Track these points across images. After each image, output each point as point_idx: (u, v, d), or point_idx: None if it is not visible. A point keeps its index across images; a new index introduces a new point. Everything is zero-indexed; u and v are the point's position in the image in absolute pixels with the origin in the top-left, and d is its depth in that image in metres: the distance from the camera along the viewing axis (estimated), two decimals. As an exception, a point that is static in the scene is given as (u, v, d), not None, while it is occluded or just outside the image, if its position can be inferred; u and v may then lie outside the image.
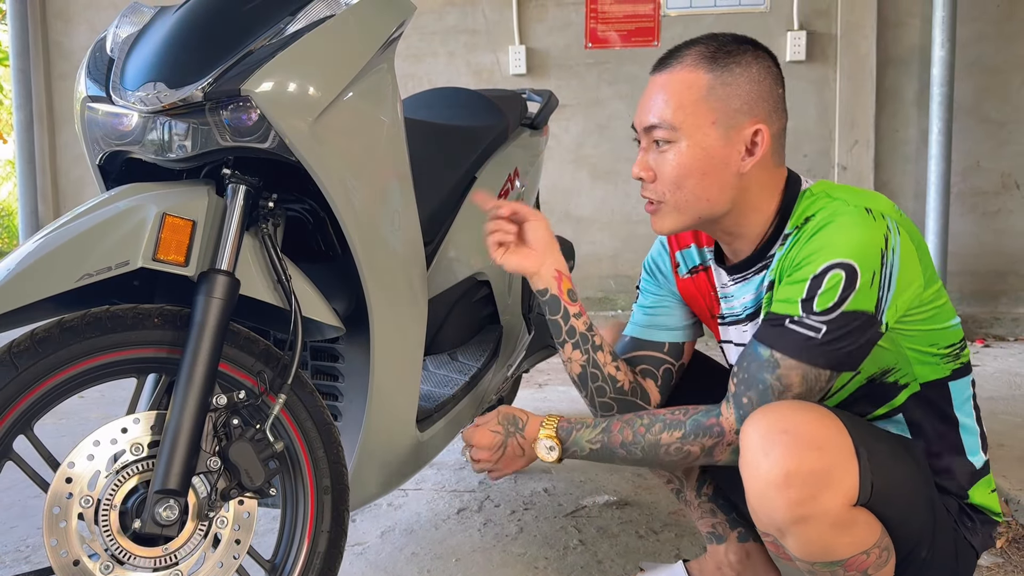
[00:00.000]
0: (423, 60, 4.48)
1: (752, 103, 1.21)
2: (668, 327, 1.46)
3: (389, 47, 1.38)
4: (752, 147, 1.21)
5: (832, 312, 1.13)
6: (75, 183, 4.81)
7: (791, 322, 1.15)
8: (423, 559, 1.82)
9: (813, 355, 1.14)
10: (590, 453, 1.29)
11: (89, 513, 1.13)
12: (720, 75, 1.20)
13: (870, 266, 1.13)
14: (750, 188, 1.24)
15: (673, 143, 1.22)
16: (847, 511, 1.09)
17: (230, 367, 1.25)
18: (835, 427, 1.10)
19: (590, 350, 1.38)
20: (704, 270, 1.41)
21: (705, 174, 1.21)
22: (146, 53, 1.25)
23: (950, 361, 1.26)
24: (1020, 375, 3.39)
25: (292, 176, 1.32)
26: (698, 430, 1.21)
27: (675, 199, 1.24)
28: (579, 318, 1.39)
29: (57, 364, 1.12)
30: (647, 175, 1.26)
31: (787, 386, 1.16)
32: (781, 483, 1.07)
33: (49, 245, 1.12)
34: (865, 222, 1.15)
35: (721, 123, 1.20)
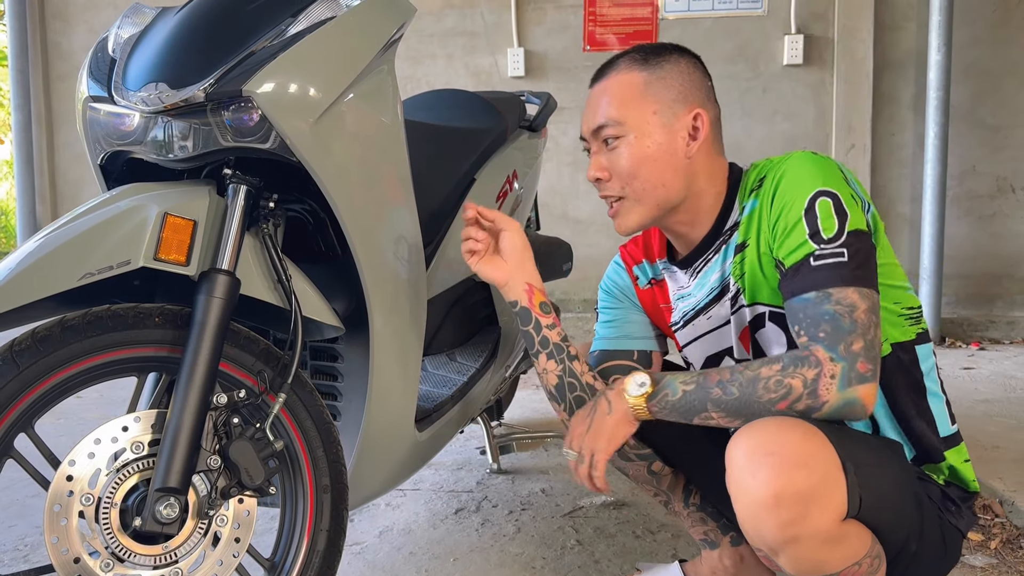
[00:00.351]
0: (422, 62, 4.50)
1: (686, 92, 1.29)
2: (634, 336, 1.47)
3: (390, 49, 1.39)
4: (694, 132, 1.29)
5: (842, 235, 1.16)
6: (73, 183, 4.81)
7: (814, 259, 1.17)
8: (421, 559, 1.82)
9: (852, 277, 1.15)
10: (682, 396, 1.20)
11: (90, 511, 1.13)
12: (653, 71, 1.29)
13: (844, 189, 1.20)
14: (698, 173, 1.30)
15: (621, 137, 1.28)
16: (837, 527, 1.10)
17: (230, 366, 1.25)
18: (820, 444, 1.10)
19: (565, 359, 1.37)
20: (659, 283, 1.45)
21: (656, 160, 1.28)
22: (148, 54, 1.26)
23: (913, 323, 1.29)
24: (1015, 378, 3.41)
25: (293, 176, 1.33)
26: (796, 361, 1.14)
27: (633, 190, 1.29)
28: (552, 329, 1.38)
29: (58, 363, 1.13)
30: (603, 174, 1.31)
31: (850, 306, 1.14)
32: (770, 505, 1.07)
33: (51, 244, 1.12)
34: (817, 158, 1.24)
35: (662, 112, 1.28)
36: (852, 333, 1.12)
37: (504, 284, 1.39)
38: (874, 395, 1.13)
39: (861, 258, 1.16)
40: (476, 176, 1.94)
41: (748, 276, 1.28)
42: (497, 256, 1.40)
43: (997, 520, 1.97)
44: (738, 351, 1.34)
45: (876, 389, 1.13)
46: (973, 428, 2.62)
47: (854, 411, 1.13)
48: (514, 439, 2.49)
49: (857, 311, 1.14)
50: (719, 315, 1.34)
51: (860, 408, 1.13)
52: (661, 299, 1.44)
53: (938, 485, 1.29)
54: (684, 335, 1.41)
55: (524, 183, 2.16)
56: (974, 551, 1.81)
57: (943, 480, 1.30)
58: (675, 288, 1.41)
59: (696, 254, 1.35)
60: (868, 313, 1.14)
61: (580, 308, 4.49)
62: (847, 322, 1.13)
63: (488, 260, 1.40)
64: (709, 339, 1.38)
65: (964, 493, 1.30)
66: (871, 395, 1.13)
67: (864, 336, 1.13)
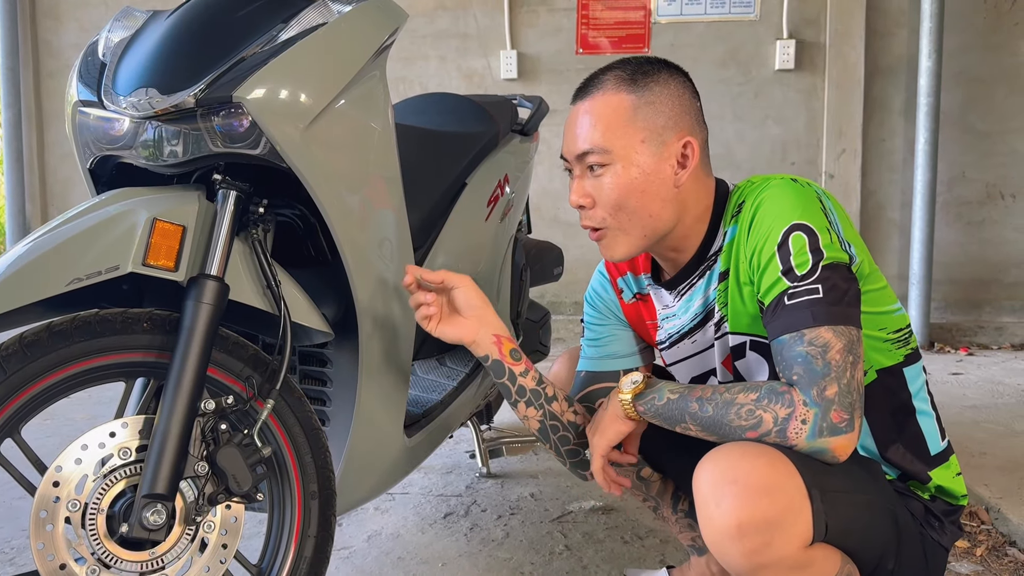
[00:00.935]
0: (414, 63, 4.49)
1: (676, 118, 1.24)
2: (620, 355, 1.45)
3: (381, 55, 1.38)
4: (683, 160, 1.24)
5: (816, 271, 1.13)
6: (63, 182, 4.80)
7: (788, 298, 1.14)
8: (409, 564, 1.82)
9: (826, 315, 1.12)
10: (666, 403, 1.21)
11: (76, 517, 1.13)
12: (642, 95, 1.23)
13: (820, 222, 1.16)
14: (687, 200, 1.26)
15: (607, 166, 1.23)
16: (803, 553, 1.09)
17: (219, 372, 1.25)
18: (785, 470, 1.08)
19: (544, 404, 1.35)
20: (643, 298, 1.43)
21: (644, 192, 1.23)
22: (138, 58, 1.26)
23: (900, 346, 1.27)
24: (1003, 384, 3.43)
25: (283, 182, 1.33)
26: (771, 394, 1.13)
27: (618, 221, 1.25)
28: (527, 375, 1.34)
29: (46, 368, 1.12)
30: (587, 201, 1.26)
31: (823, 346, 1.11)
32: (734, 534, 1.07)
33: (39, 249, 1.12)
34: (794, 187, 1.20)
35: (650, 140, 1.23)
36: (826, 377, 1.10)
37: (472, 342, 1.33)
38: (849, 445, 1.10)
39: (837, 293, 1.13)
40: (467, 180, 1.94)
41: (730, 305, 1.26)
42: (456, 315, 1.34)
43: (983, 527, 1.98)
44: (722, 374, 1.33)
45: (853, 439, 1.10)
46: (961, 434, 2.63)
47: (824, 459, 1.11)
48: (504, 443, 2.49)
49: (831, 351, 1.10)
50: (703, 340, 1.33)
51: (831, 457, 1.11)
52: (647, 315, 1.43)
53: (922, 501, 1.28)
54: (670, 355, 1.41)
55: (516, 187, 2.16)
56: (960, 558, 1.82)
57: (928, 496, 1.30)
58: (660, 307, 1.39)
59: (681, 277, 1.33)
60: (844, 353, 1.10)
61: (571, 311, 4.49)
62: (820, 364, 1.10)
63: (447, 321, 1.34)
64: (694, 361, 1.37)
65: (949, 507, 1.30)
66: (844, 446, 1.10)
67: (839, 380, 1.09)
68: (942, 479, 1.29)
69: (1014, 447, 2.51)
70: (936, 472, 1.28)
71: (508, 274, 2.16)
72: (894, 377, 1.27)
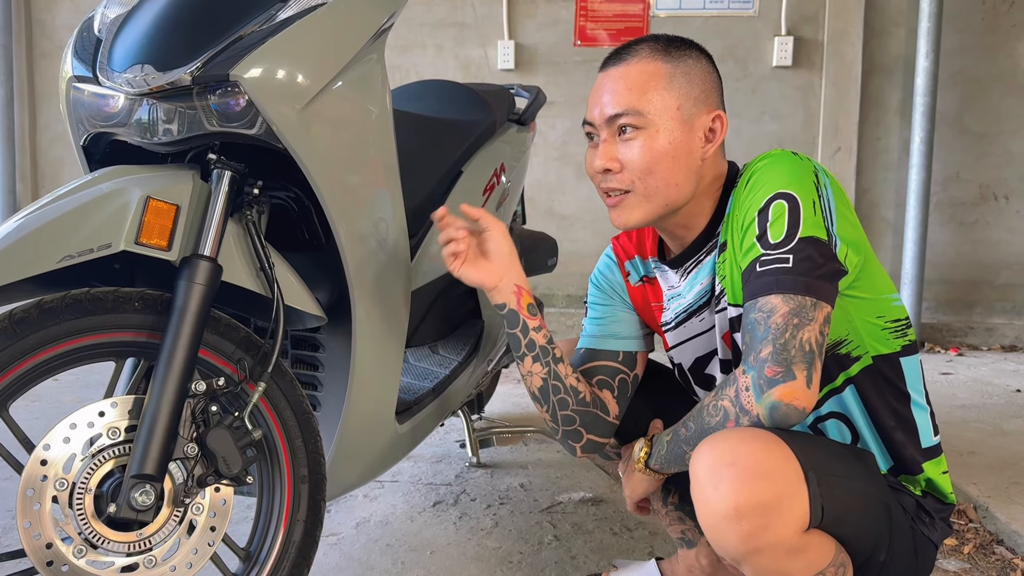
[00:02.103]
0: (411, 51, 4.47)
1: (707, 91, 1.26)
2: (621, 336, 1.45)
3: (380, 37, 1.37)
4: (711, 134, 1.26)
5: (790, 241, 1.13)
6: (54, 162, 4.76)
7: (759, 265, 1.15)
8: (398, 551, 1.82)
9: (789, 284, 1.12)
10: (667, 448, 1.25)
11: (64, 496, 1.12)
12: (677, 64, 1.24)
13: (807, 194, 1.16)
14: (706, 176, 1.27)
15: (641, 129, 1.23)
16: (799, 537, 1.09)
17: (210, 353, 1.24)
18: (782, 454, 1.09)
19: (551, 362, 1.34)
20: (650, 281, 1.43)
21: (675, 159, 1.23)
22: (134, 34, 1.24)
23: (898, 336, 1.27)
24: (992, 384, 3.44)
25: (278, 163, 1.32)
26: (723, 384, 1.17)
27: (645, 186, 1.24)
28: (539, 332, 1.34)
29: (35, 345, 1.11)
30: (614, 165, 1.25)
31: (769, 311, 1.12)
32: (732, 516, 1.07)
33: (31, 225, 1.11)
34: (792, 159, 1.21)
35: (684, 109, 1.23)
36: (763, 340, 1.11)
37: (493, 288, 1.32)
38: (795, 391, 1.09)
39: (808, 265, 1.12)
40: (463, 169, 1.93)
41: (729, 277, 1.26)
42: (482, 258, 1.33)
43: (971, 525, 1.98)
44: (722, 351, 1.33)
45: (796, 387, 1.09)
46: (950, 434, 2.64)
47: (784, 415, 1.10)
48: (494, 433, 2.49)
49: (774, 316, 1.11)
50: (710, 318, 1.33)
51: (787, 409, 1.10)
52: (653, 297, 1.42)
53: (913, 496, 1.28)
54: (674, 336, 1.40)
55: (511, 177, 2.15)
56: (947, 555, 1.83)
57: (919, 491, 1.30)
58: (666, 287, 1.39)
59: (687, 255, 1.32)
60: (787, 316, 1.11)
61: (563, 303, 4.49)
62: (761, 330, 1.12)
63: (472, 263, 1.33)
64: (699, 341, 1.36)
65: (940, 505, 1.30)
66: (791, 393, 1.09)
67: (775, 341, 1.10)
68: (932, 473, 1.29)
69: (1002, 447, 2.52)
70: (927, 465, 1.29)
71: (502, 263, 2.15)
72: (890, 365, 1.27)
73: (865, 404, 1.27)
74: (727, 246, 1.26)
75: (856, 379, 1.26)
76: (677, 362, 1.43)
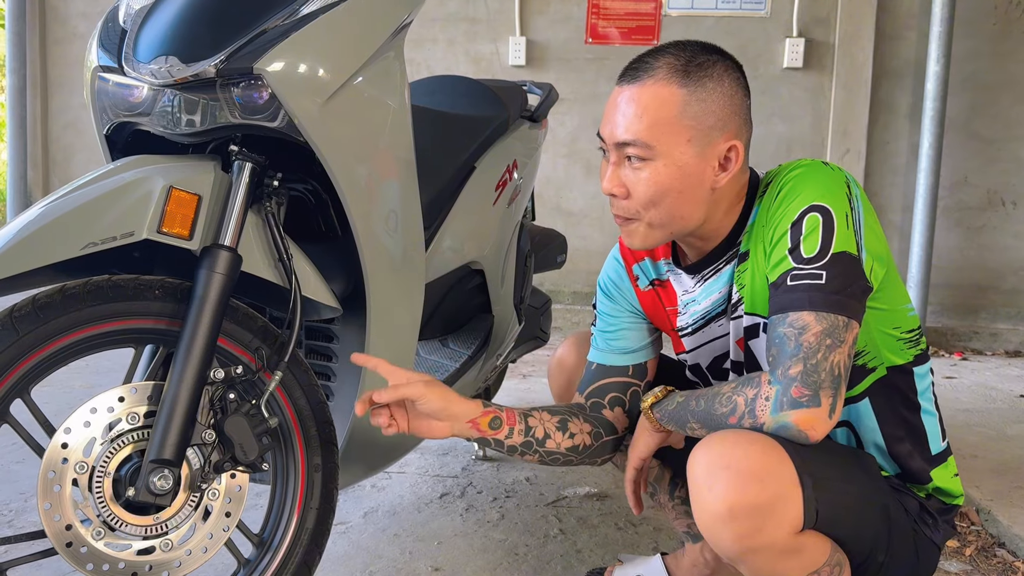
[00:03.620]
0: (422, 46, 4.48)
1: (725, 119, 1.20)
2: (630, 350, 1.44)
3: (400, 33, 1.39)
4: (726, 163, 1.21)
5: (823, 256, 1.13)
6: (65, 149, 4.78)
7: (791, 279, 1.14)
8: (405, 540, 1.84)
9: (823, 302, 1.11)
10: (676, 407, 1.26)
11: (83, 479, 1.14)
12: (694, 91, 1.18)
13: (841, 207, 1.15)
14: (721, 201, 1.24)
15: (648, 161, 1.19)
16: (793, 538, 1.11)
17: (228, 342, 1.26)
18: (777, 457, 1.10)
19: (538, 448, 1.34)
20: (663, 284, 1.41)
21: (681, 192, 1.20)
22: (159, 26, 1.26)
23: (912, 347, 1.28)
24: (996, 389, 3.45)
25: (296, 155, 1.33)
26: (746, 381, 1.17)
27: (650, 217, 1.22)
28: (512, 434, 1.31)
29: (58, 330, 1.13)
30: (620, 191, 1.22)
31: (801, 328, 1.11)
32: (726, 517, 1.09)
33: (55, 212, 1.13)
34: (824, 170, 1.19)
35: (696, 141, 1.18)
36: (794, 357, 1.11)
37: (451, 435, 1.30)
38: (814, 421, 1.10)
39: (840, 283, 1.12)
40: (476, 164, 1.95)
41: (749, 287, 1.25)
42: (424, 419, 1.28)
43: (973, 528, 2.00)
44: (734, 354, 1.34)
45: (818, 415, 1.10)
46: (953, 437, 2.65)
47: (791, 435, 1.12)
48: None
49: (806, 334, 1.11)
50: (727, 324, 1.32)
51: (797, 432, 1.11)
52: (667, 302, 1.40)
53: (917, 498, 1.29)
54: (692, 340, 1.39)
55: (523, 173, 2.16)
56: (949, 557, 1.84)
57: (924, 494, 1.31)
58: (681, 292, 1.38)
59: (706, 262, 1.31)
60: (819, 336, 1.10)
61: (570, 300, 4.50)
62: (792, 345, 1.11)
63: (417, 423, 1.28)
64: (717, 344, 1.36)
65: (944, 506, 1.31)
66: (807, 420, 1.10)
67: (807, 360, 1.10)
68: (941, 479, 1.30)
69: (1005, 451, 2.54)
70: (936, 472, 1.30)
71: (513, 259, 2.17)
72: (904, 376, 1.28)
73: (877, 416, 1.28)
74: (749, 255, 1.25)
75: (870, 390, 1.27)
76: (693, 363, 1.43)
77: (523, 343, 2.33)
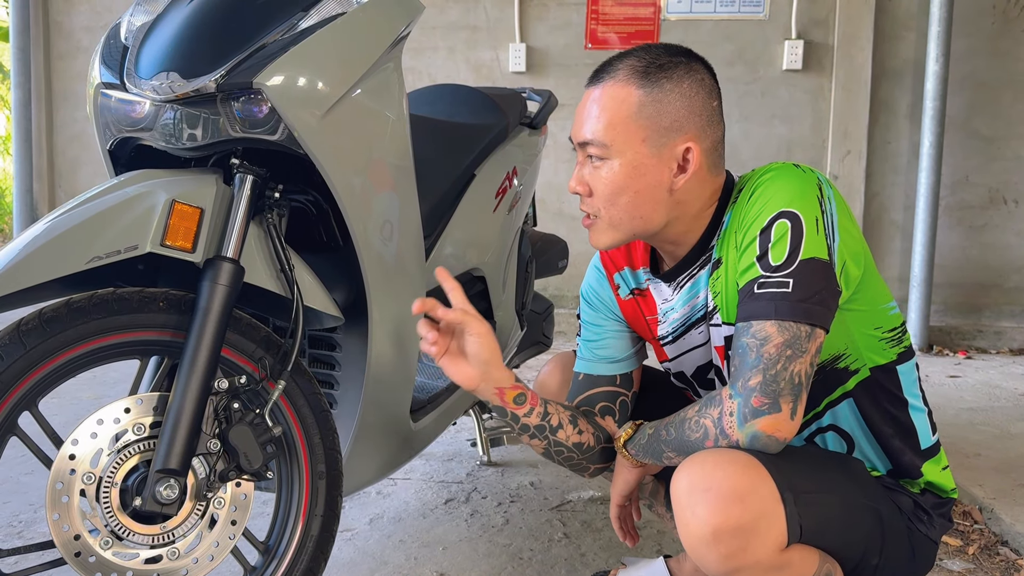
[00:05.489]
0: (423, 54, 4.51)
1: (683, 120, 1.20)
2: (615, 359, 1.44)
3: (397, 45, 1.41)
4: (684, 164, 1.21)
5: (791, 263, 1.13)
6: (70, 162, 4.81)
7: (758, 287, 1.14)
8: (410, 546, 1.85)
9: (789, 310, 1.12)
10: (647, 440, 1.28)
11: (91, 490, 1.16)
12: (651, 91, 1.19)
13: (811, 212, 1.15)
14: (687, 201, 1.24)
15: (605, 160, 1.21)
16: (779, 555, 1.12)
17: (232, 352, 1.28)
18: (758, 476, 1.11)
19: (548, 435, 1.34)
20: (642, 294, 1.41)
21: (637, 192, 1.21)
22: (160, 42, 1.28)
23: (894, 345, 1.28)
24: (999, 387, 3.45)
25: (297, 167, 1.35)
26: (708, 401, 1.18)
27: (609, 215, 1.24)
28: (531, 414, 1.32)
29: (64, 343, 1.15)
30: (583, 189, 1.25)
31: (763, 339, 1.12)
32: (710, 540, 1.10)
33: (60, 227, 1.15)
34: (795, 174, 1.19)
35: (651, 141, 1.19)
36: (754, 368, 1.12)
37: (472, 390, 1.29)
38: (778, 423, 1.11)
39: (806, 290, 1.12)
40: (476, 172, 1.96)
41: (723, 294, 1.25)
42: (462, 358, 1.27)
43: (976, 526, 2.00)
44: (717, 362, 1.34)
45: (780, 419, 1.11)
46: (957, 436, 2.66)
47: (765, 445, 1.13)
48: (504, 432, 2.52)
49: (767, 345, 1.12)
50: (707, 331, 1.32)
51: (768, 440, 1.12)
52: (647, 311, 1.41)
53: (911, 495, 1.30)
54: (673, 349, 1.39)
55: (523, 180, 2.18)
56: (952, 556, 1.85)
57: (917, 490, 1.32)
58: (660, 300, 1.38)
59: (680, 269, 1.31)
60: (780, 347, 1.11)
61: (572, 305, 4.52)
62: (752, 356, 1.12)
63: (452, 360, 1.27)
64: (698, 352, 1.36)
65: (939, 500, 1.32)
66: (773, 425, 1.11)
67: (766, 371, 1.11)
68: (931, 473, 1.31)
69: (1008, 449, 2.54)
70: (927, 466, 1.31)
71: (514, 265, 2.19)
72: (888, 375, 1.29)
73: (863, 415, 1.29)
74: (721, 264, 1.25)
75: (854, 392, 1.28)
76: (677, 371, 1.43)
77: (525, 349, 2.35)
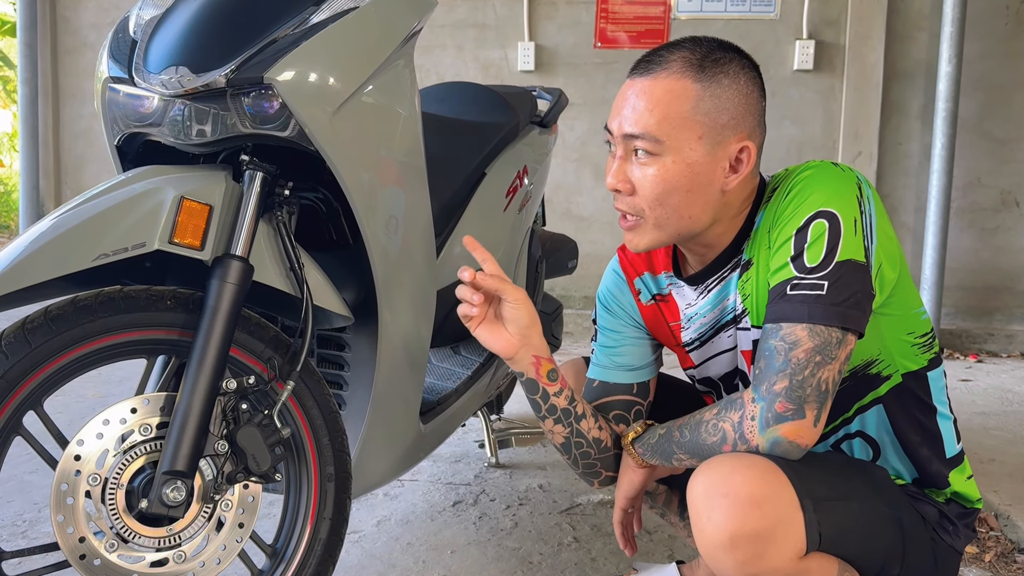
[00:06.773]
0: (431, 52, 4.48)
1: (739, 118, 1.15)
2: (632, 367, 1.39)
3: (409, 41, 1.39)
4: (736, 164, 1.16)
5: (827, 265, 1.09)
6: (77, 159, 4.80)
7: (792, 288, 1.11)
8: (418, 549, 1.83)
9: (821, 314, 1.08)
10: (658, 440, 1.25)
11: (96, 491, 1.14)
12: (708, 86, 1.14)
13: (849, 212, 1.11)
14: (731, 203, 1.20)
15: (656, 156, 1.14)
16: (796, 563, 1.10)
17: (240, 352, 1.26)
18: (777, 482, 1.08)
19: (572, 422, 1.30)
20: (664, 299, 1.36)
21: (689, 191, 1.15)
22: (169, 37, 1.26)
23: (925, 351, 1.25)
24: (1012, 391, 3.42)
25: (307, 164, 1.33)
26: (728, 404, 1.15)
27: (656, 216, 1.17)
28: (560, 395, 1.28)
29: (70, 342, 1.13)
30: (625, 187, 1.18)
31: (793, 343, 1.09)
32: (727, 546, 1.07)
33: (66, 224, 1.13)
34: (835, 173, 1.15)
35: (707, 138, 1.14)
36: (780, 372, 1.09)
37: (509, 359, 1.25)
38: (801, 430, 1.09)
39: (842, 293, 1.08)
40: (487, 170, 1.94)
41: (753, 297, 1.21)
42: (499, 324, 1.24)
43: (992, 533, 1.98)
44: (742, 365, 1.31)
45: (804, 426, 1.09)
46: (970, 441, 2.63)
47: (786, 451, 1.10)
48: (513, 434, 2.50)
49: (796, 350, 1.09)
50: (736, 335, 1.28)
51: (789, 446, 1.10)
52: (669, 317, 1.36)
53: (936, 504, 1.27)
54: (699, 354, 1.35)
55: (534, 179, 2.16)
56: (969, 563, 1.82)
57: (943, 499, 1.29)
58: (684, 305, 1.33)
59: (709, 272, 1.27)
60: (810, 352, 1.08)
61: (580, 305, 4.49)
62: (780, 360, 1.09)
63: (489, 327, 1.24)
64: (726, 357, 1.32)
65: (963, 510, 1.29)
66: (796, 431, 1.09)
67: (792, 376, 1.08)
68: (957, 483, 1.29)
69: (1023, 454, 2.51)
70: (953, 475, 1.28)
71: (524, 265, 2.16)
72: (918, 381, 1.26)
73: (892, 422, 1.26)
74: (752, 265, 1.21)
75: (885, 398, 1.25)
76: (702, 377, 1.39)
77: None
